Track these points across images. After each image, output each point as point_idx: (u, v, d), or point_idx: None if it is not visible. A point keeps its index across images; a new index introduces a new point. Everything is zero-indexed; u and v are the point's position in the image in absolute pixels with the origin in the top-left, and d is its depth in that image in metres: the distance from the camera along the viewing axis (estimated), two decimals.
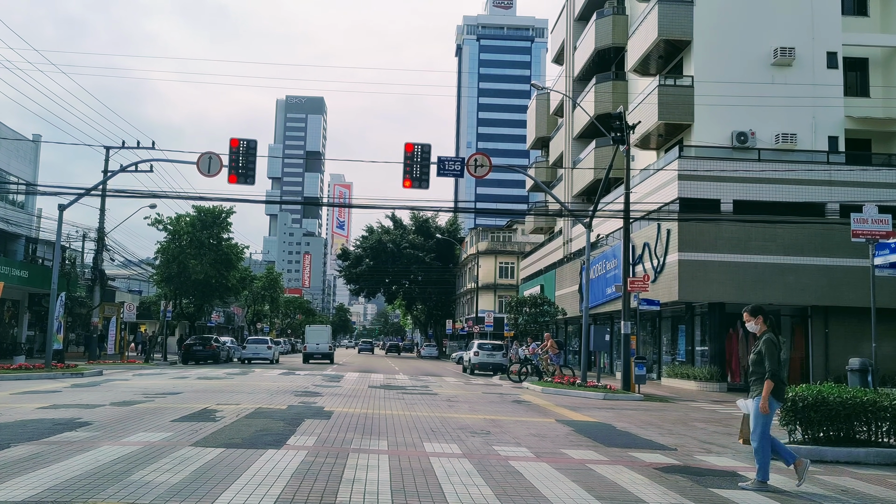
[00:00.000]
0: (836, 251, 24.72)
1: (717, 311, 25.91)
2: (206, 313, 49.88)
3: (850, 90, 29.37)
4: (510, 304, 37.63)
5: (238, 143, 20.71)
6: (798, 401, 9.96)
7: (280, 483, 6.86)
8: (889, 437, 9.92)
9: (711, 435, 12.40)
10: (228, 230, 39.86)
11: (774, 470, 8.94)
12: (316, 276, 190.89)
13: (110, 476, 6.89)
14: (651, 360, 30.25)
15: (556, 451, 9.72)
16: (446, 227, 76.83)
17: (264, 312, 72.75)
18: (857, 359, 14.46)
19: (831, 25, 28.89)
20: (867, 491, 7.80)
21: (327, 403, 14.94)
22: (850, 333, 24.34)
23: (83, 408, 12.71)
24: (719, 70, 28.36)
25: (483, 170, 21.55)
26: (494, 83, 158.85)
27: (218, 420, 11.43)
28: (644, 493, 7.14)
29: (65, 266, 35.20)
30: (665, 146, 31.56)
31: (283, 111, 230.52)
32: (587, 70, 39.56)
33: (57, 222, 25.64)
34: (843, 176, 26.38)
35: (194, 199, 36.68)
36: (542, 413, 15.17)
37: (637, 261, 28.56)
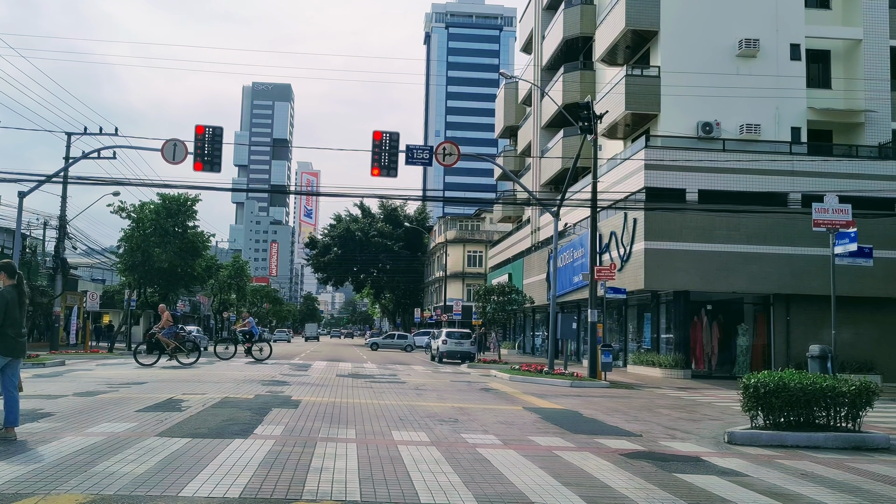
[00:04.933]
0: (798, 240, 25.17)
1: (682, 299, 26.26)
2: (172, 302, 49.26)
3: (812, 82, 29.85)
4: (478, 292, 37.70)
5: (203, 130, 20.45)
6: (760, 387, 10.15)
7: (247, 472, 6.82)
8: (847, 422, 10.15)
9: (676, 421, 12.59)
10: (194, 218, 39.33)
11: (734, 454, 9.12)
12: (283, 264, 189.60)
13: (73, 467, 6.80)
14: (617, 348, 30.58)
15: (523, 439, 9.79)
16: (415, 216, 76.78)
17: (231, 301, 72.08)
18: (818, 345, 14.74)
19: (795, 17, 29.30)
20: (826, 474, 7.98)
21: (295, 393, 14.88)
22: (811, 321, 24.84)
23: (45, 398, 12.51)
24: (685, 61, 28.63)
25: (452, 158, 21.55)
26: (463, 72, 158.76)
27: (184, 410, 11.32)
28: (610, 479, 7.23)
29: (25, 255, 34.50)
30: (632, 136, 31.81)
31: (249, 98, 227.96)
32: (555, 59, 39.69)
33: (17, 210, 25.11)
34: (805, 166, 26.84)
35: (159, 187, 36.13)
36: (509, 401, 15.27)
37: (604, 249, 28.81)
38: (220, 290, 65.66)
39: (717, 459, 8.70)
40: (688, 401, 16.81)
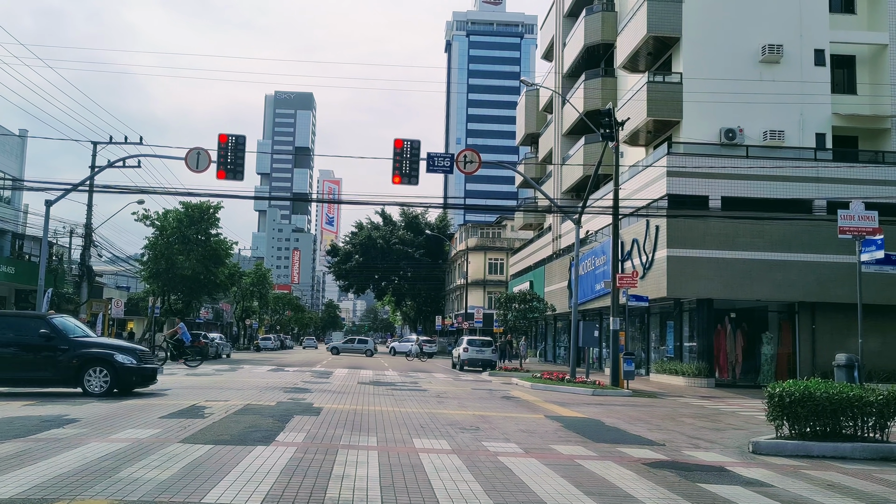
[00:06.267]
0: (823, 247, 24.87)
1: (706, 306, 26.03)
2: (195, 310, 49.67)
3: (837, 87, 29.52)
4: (499, 300, 37.68)
5: (227, 139, 20.63)
6: (785, 396, 10.03)
7: (269, 479, 6.85)
8: (875, 432, 9.99)
9: (699, 430, 12.47)
10: (216, 226, 39.69)
11: (759, 464, 9.01)
12: (305, 272, 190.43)
13: (98, 473, 6.86)
14: (639, 356, 30.36)
15: (544, 447, 9.74)
16: (436, 224, 76.85)
17: (253, 309, 72.50)
18: (844, 354, 14.54)
19: (819, 23, 29.03)
20: (853, 485, 7.86)
21: (316, 400, 14.92)
22: (837, 329, 24.49)
23: (70, 404, 12.64)
24: (708, 67, 28.44)
25: (472, 166, 21.55)
26: (484, 79, 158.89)
27: (206, 416, 11.39)
28: (632, 489, 7.17)
29: (52, 262, 34.98)
30: (654, 143, 31.64)
31: (271, 106, 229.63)
32: (576, 66, 39.60)
33: (44, 218, 25.47)
34: (830, 173, 26.53)
35: (182, 195, 36.53)
36: (530, 409, 15.21)
37: (626, 257, 28.65)
38: (243, 297, 66.09)
39: (741, 469, 8.60)
40: (711, 410, 16.64)
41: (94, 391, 14.25)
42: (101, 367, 14.43)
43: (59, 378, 14.42)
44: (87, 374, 14.34)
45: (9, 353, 14.31)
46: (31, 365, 14.38)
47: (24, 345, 14.41)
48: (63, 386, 14.58)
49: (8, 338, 14.46)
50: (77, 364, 14.34)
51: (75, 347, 14.54)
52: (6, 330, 14.73)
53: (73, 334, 15.05)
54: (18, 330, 14.77)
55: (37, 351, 14.36)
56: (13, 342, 14.44)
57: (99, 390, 14.28)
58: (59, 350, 14.36)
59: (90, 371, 14.37)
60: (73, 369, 14.33)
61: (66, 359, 14.32)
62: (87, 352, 14.56)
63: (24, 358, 14.39)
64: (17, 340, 14.47)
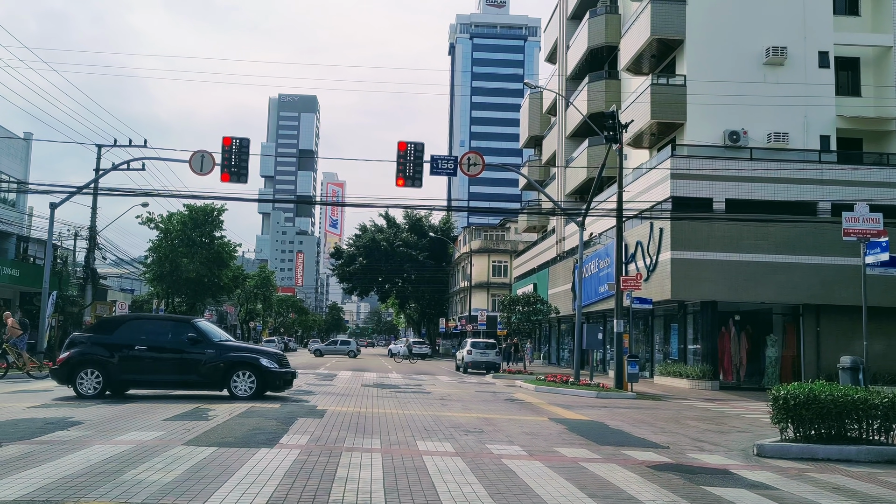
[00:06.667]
0: (828, 250, 24.81)
1: (710, 309, 25.99)
2: (199, 312, 49.74)
3: (841, 89, 29.47)
4: (503, 302, 37.64)
5: (231, 142, 20.66)
6: (790, 399, 10.00)
7: (273, 482, 6.85)
8: (880, 435, 9.96)
9: (704, 433, 12.44)
10: (220, 228, 39.79)
11: (763, 467, 8.98)
12: (309, 274, 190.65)
13: (102, 475, 6.87)
14: (644, 359, 30.32)
15: (548, 450, 9.73)
16: (439, 226, 76.79)
17: (257, 311, 72.63)
18: (849, 357, 14.51)
19: (823, 25, 28.98)
20: (859, 488, 7.84)
21: (320, 402, 14.92)
22: (842, 332, 24.45)
23: (75, 407, 12.66)
24: (711, 69, 28.41)
25: (476, 168, 21.55)
26: (488, 82, 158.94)
27: (210, 419, 11.39)
28: (637, 491, 7.15)
29: (56, 264, 35.06)
30: (658, 145, 31.62)
31: (275, 109, 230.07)
32: (580, 69, 39.60)
33: (48, 220, 25.54)
34: (834, 175, 26.48)
35: (186, 198, 36.58)
36: (534, 411, 15.19)
37: (630, 259, 28.62)
38: (247, 299, 66.22)
39: (746, 472, 8.58)
40: (716, 412, 16.60)
41: (240, 395, 14.50)
42: (247, 370, 14.65)
43: (206, 381, 14.66)
44: (233, 378, 14.58)
45: (159, 356, 14.62)
46: (180, 368, 14.63)
47: (173, 348, 14.71)
48: (209, 389, 14.84)
49: (157, 341, 14.78)
50: (224, 368, 14.59)
51: (221, 351, 14.82)
52: (155, 333, 15.04)
53: (217, 338, 15.37)
54: (167, 333, 15.07)
55: (184, 354, 14.63)
56: (162, 345, 14.75)
57: (245, 394, 14.53)
58: (205, 354, 14.65)
59: (237, 375, 14.60)
60: (220, 373, 14.58)
61: (213, 362, 14.58)
62: (235, 356, 14.82)
63: (173, 361, 14.66)
64: (165, 343, 14.78)
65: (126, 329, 15.17)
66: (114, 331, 15.14)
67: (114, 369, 14.48)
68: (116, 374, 14.52)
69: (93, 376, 14.43)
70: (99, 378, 14.43)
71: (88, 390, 14.34)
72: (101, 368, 14.45)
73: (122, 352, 14.56)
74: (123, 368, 14.52)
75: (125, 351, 14.57)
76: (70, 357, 14.64)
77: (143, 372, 14.62)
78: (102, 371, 14.45)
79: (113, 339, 14.76)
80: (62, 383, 14.96)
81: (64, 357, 14.79)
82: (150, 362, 14.58)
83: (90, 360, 14.51)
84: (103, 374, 14.44)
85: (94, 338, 15.03)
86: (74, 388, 14.48)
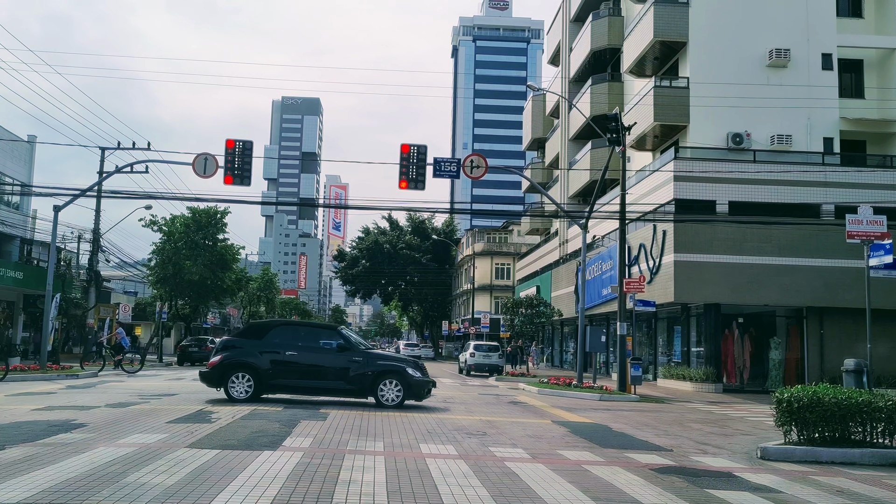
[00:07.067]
0: (832, 252, 24.77)
1: (713, 312, 25.95)
2: (202, 314, 49.86)
3: (844, 91, 29.44)
4: (506, 305, 37.64)
5: (234, 144, 20.69)
6: (793, 401, 9.98)
7: (276, 485, 6.85)
8: (884, 438, 9.93)
9: (707, 436, 12.42)
10: (223, 231, 39.83)
11: (767, 470, 8.96)
12: (312, 277, 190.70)
13: (106, 478, 6.87)
14: (647, 361, 30.29)
15: (552, 453, 9.72)
16: (442, 229, 76.82)
17: (260, 314, 72.66)
18: (853, 359, 14.44)
19: (826, 27, 28.96)
20: (862, 491, 7.81)
21: (323, 405, 14.91)
22: (846, 334, 24.39)
23: (78, 409, 12.68)
24: (715, 71, 28.40)
25: (479, 171, 21.55)
26: (491, 84, 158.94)
27: (213, 421, 11.40)
28: (640, 494, 7.14)
29: (60, 267, 35.11)
30: (661, 147, 31.60)
31: (278, 111, 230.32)
32: (583, 71, 39.60)
33: (52, 223, 25.59)
34: (838, 177, 26.45)
35: (190, 200, 36.62)
36: (537, 414, 15.17)
37: (633, 262, 28.59)
38: (250, 302, 66.28)
39: (749, 475, 8.56)
40: (719, 415, 16.57)
41: (387, 402, 14.60)
42: (394, 379, 14.76)
43: (354, 388, 14.80)
44: (380, 386, 14.69)
45: (309, 362, 14.81)
46: (330, 374, 14.80)
47: (323, 355, 14.93)
48: (356, 396, 14.96)
49: (307, 347, 14.98)
50: (372, 376, 14.72)
51: (368, 359, 14.99)
52: (304, 339, 15.25)
53: (362, 346, 15.59)
54: (315, 339, 15.33)
55: (334, 361, 14.80)
56: (312, 351, 14.96)
57: (391, 402, 14.63)
58: (353, 361, 14.81)
59: (384, 383, 14.72)
60: (368, 380, 14.70)
61: (361, 370, 14.72)
62: (383, 364, 15.01)
63: (323, 367, 14.85)
64: (315, 350, 15.01)
65: (276, 334, 15.34)
66: (264, 335, 15.29)
67: (265, 374, 14.65)
68: (267, 378, 14.69)
69: (244, 380, 14.61)
70: (250, 382, 14.60)
71: (240, 394, 14.54)
72: (252, 372, 14.61)
73: (273, 356, 14.72)
74: (274, 373, 14.68)
75: (276, 356, 14.73)
76: (222, 360, 14.77)
77: (294, 377, 14.80)
78: (254, 375, 14.62)
79: (263, 344, 14.94)
80: (212, 386, 15.13)
81: (216, 360, 14.89)
82: (300, 368, 14.75)
83: (242, 364, 14.68)
84: (254, 378, 14.61)
85: (245, 342, 15.21)
86: (226, 391, 14.66)
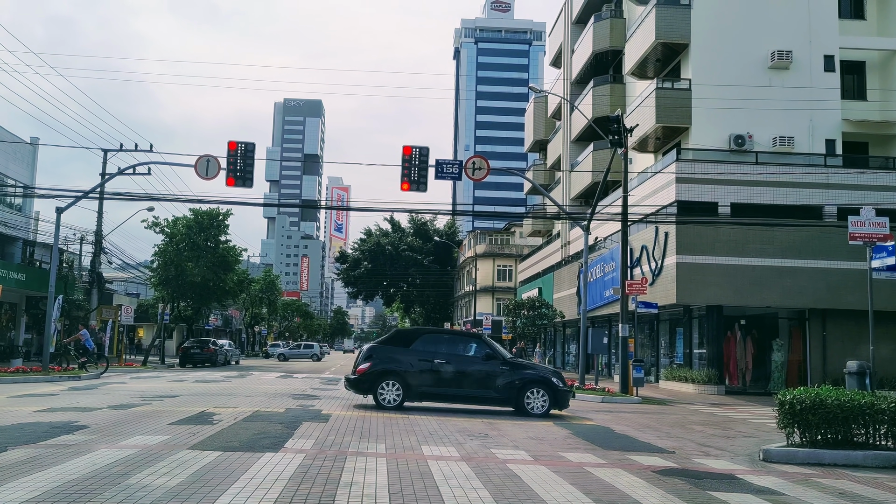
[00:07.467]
0: (834, 254, 24.74)
1: (715, 313, 25.92)
2: (204, 316, 49.82)
3: (847, 93, 29.41)
4: (508, 306, 37.67)
5: (236, 146, 20.68)
6: (796, 403, 9.97)
7: (278, 486, 6.85)
8: (887, 440, 9.92)
9: (709, 438, 12.40)
10: (226, 233, 39.81)
11: (770, 472, 8.95)
12: (314, 278, 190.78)
13: (108, 479, 6.88)
14: (649, 363, 30.25)
15: (554, 454, 9.71)
16: (444, 230, 76.84)
17: (262, 315, 72.65)
18: (855, 361, 14.43)
19: (828, 29, 28.94)
20: (865, 494, 7.80)
21: (325, 406, 14.92)
22: (848, 336, 24.34)
23: (80, 411, 12.69)
24: (717, 73, 28.39)
25: (481, 172, 21.53)
26: (492, 86, 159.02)
27: (215, 423, 11.40)
28: (642, 496, 7.13)
29: (62, 269, 35.15)
30: (663, 149, 31.59)
31: (280, 113, 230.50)
32: (585, 73, 39.61)
33: (54, 225, 25.62)
34: (840, 179, 26.42)
35: (192, 202, 36.65)
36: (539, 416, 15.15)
37: (635, 263, 28.56)
38: (252, 304, 66.25)
39: (752, 477, 8.54)
40: (721, 417, 16.55)
41: (533, 411, 14.66)
42: (540, 388, 14.81)
43: (501, 398, 14.86)
44: (526, 395, 14.76)
45: (457, 371, 14.88)
46: (478, 383, 14.88)
47: (470, 363, 15.04)
48: (502, 405, 15.03)
49: (454, 355, 15.16)
50: (519, 385, 14.77)
51: (514, 368, 15.06)
52: (450, 347, 15.41)
53: (506, 355, 15.67)
54: (462, 348, 15.47)
55: (481, 370, 14.90)
56: (460, 360, 15.08)
57: (538, 411, 14.68)
58: (500, 370, 14.86)
59: (530, 392, 14.78)
60: (514, 390, 14.76)
61: (508, 379, 14.79)
62: (529, 373, 15.10)
63: (471, 376, 14.91)
64: (463, 358, 15.14)
65: (423, 342, 15.45)
66: (411, 343, 15.38)
67: (413, 381, 14.74)
68: (416, 385, 14.77)
69: (393, 388, 14.70)
70: (399, 390, 14.68)
71: (390, 402, 14.62)
72: (401, 380, 14.71)
73: (422, 364, 14.82)
74: (423, 381, 14.77)
75: (424, 363, 14.83)
76: (372, 368, 14.82)
77: (442, 385, 14.86)
78: (402, 383, 14.71)
79: (411, 352, 15.04)
80: (360, 393, 15.22)
81: (364, 367, 14.90)
82: (449, 376, 14.83)
83: (391, 372, 14.78)
84: (403, 386, 14.70)
85: (392, 349, 15.29)
86: (375, 398, 14.72)
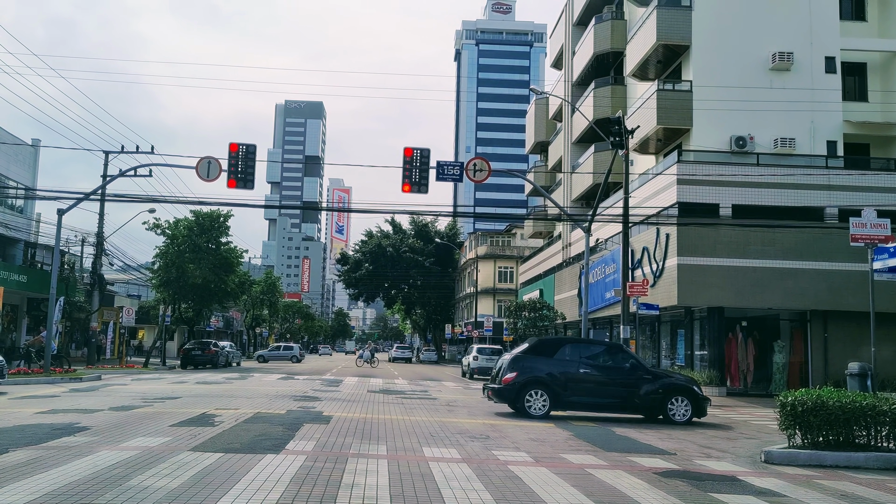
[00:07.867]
0: (835, 255, 24.72)
1: (717, 315, 25.90)
2: (205, 318, 49.83)
3: (848, 95, 29.38)
4: (509, 308, 37.65)
5: (237, 148, 20.70)
6: (797, 405, 9.96)
7: (279, 488, 6.85)
8: (888, 442, 9.91)
9: (711, 440, 12.39)
10: (227, 234, 39.83)
11: (771, 474, 8.94)
12: (315, 280, 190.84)
13: (109, 481, 6.88)
14: (650, 365, 30.19)
15: (555, 456, 9.71)
16: (445, 232, 76.81)
17: (263, 317, 72.67)
18: (857, 363, 14.42)
19: (829, 30, 28.93)
20: (867, 495, 7.79)
21: (326, 408, 14.92)
22: (850, 338, 24.31)
23: (81, 413, 12.69)
24: (718, 75, 28.38)
25: (482, 174, 21.54)
26: (493, 88, 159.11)
27: (217, 425, 11.41)
28: (643, 498, 7.12)
29: (64, 270, 35.17)
30: (664, 151, 31.57)
31: (282, 115, 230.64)
32: (586, 75, 39.61)
33: (56, 227, 25.64)
34: (841, 180, 26.40)
35: (193, 204, 36.66)
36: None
37: (636, 265, 28.56)
38: (253, 305, 66.26)
39: (753, 479, 8.54)
40: (723, 418, 16.54)
41: (677, 420, 14.78)
42: (683, 397, 14.92)
43: (644, 407, 15.05)
44: (669, 404, 14.91)
45: (602, 380, 15.05)
46: (622, 393, 15.02)
47: (614, 373, 15.21)
48: (645, 414, 15.18)
49: (598, 365, 15.28)
50: (662, 394, 14.94)
51: (657, 378, 15.28)
52: (593, 356, 15.53)
53: (647, 365, 15.94)
54: (604, 357, 15.68)
55: (625, 379, 15.06)
56: (604, 369, 15.24)
57: (681, 419, 14.79)
58: (642, 380, 15.04)
59: (673, 400, 14.92)
60: (658, 399, 14.93)
61: (651, 388, 14.96)
62: (670, 382, 15.25)
63: (615, 385, 15.07)
64: (607, 368, 15.31)
65: (566, 351, 15.56)
66: (554, 352, 15.49)
67: (559, 390, 14.81)
68: (562, 395, 14.85)
69: (540, 397, 14.81)
70: (545, 399, 14.78)
71: (537, 410, 14.73)
72: (547, 389, 14.80)
73: (566, 373, 14.91)
74: (569, 390, 14.84)
75: (569, 373, 14.92)
76: (518, 378, 14.90)
77: (588, 395, 14.99)
78: (549, 392, 14.80)
79: (555, 361, 15.16)
80: (505, 402, 15.27)
81: (510, 377, 14.97)
82: (594, 386, 14.99)
83: (537, 381, 14.88)
84: (549, 395, 14.79)
85: (537, 359, 15.37)
86: (522, 408, 14.79)
